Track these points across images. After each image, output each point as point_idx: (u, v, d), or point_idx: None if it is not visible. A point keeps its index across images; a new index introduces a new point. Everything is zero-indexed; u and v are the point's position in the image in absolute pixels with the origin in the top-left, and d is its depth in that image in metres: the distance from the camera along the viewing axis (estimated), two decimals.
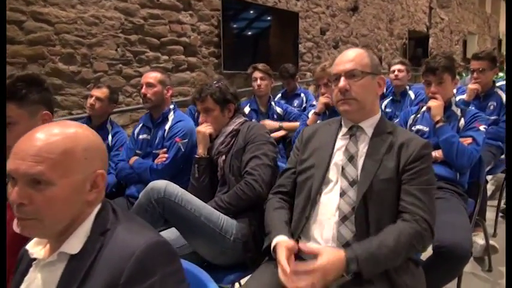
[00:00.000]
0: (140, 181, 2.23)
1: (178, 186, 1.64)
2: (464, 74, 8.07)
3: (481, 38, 14.21)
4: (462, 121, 2.12)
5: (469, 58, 10.75)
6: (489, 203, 3.34)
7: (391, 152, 1.34)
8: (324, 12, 6.35)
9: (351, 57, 1.39)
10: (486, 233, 2.34)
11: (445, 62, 2.11)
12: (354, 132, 1.42)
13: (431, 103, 2.13)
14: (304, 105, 3.97)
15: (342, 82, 1.36)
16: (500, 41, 15.65)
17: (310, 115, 2.78)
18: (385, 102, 3.59)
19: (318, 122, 2.67)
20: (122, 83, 3.70)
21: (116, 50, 3.69)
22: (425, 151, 1.32)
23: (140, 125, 2.44)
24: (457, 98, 3.09)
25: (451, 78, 2.14)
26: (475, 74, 2.86)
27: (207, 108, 1.89)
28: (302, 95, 4.16)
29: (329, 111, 2.62)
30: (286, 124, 3.05)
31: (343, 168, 1.36)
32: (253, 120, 3.05)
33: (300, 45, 5.89)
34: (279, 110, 3.12)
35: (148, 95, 2.29)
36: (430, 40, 10.19)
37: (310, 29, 6.11)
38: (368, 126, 1.41)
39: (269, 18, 5.51)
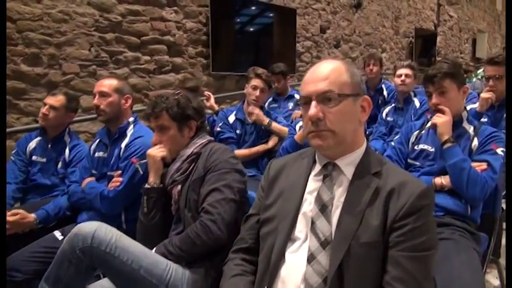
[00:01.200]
0: (93, 208, 1.89)
1: (112, 229, 1.30)
2: (473, 74, 7.67)
3: (491, 37, 13.70)
4: (475, 141, 1.75)
5: (478, 58, 10.25)
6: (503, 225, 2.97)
7: (377, 202, 0.99)
8: (324, 9, 5.97)
9: (324, 73, 1.03)
10: (501, 273, 1.98)
11: (446, 68, 1.75)
12: (329, 172, 1.07)
13: (437, 119, 1.76)
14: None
15: (313, 109, 1.01)
16: None
17: (297, 128, 2.42)
18: (387, 109, 3.22)
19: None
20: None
21: (89, 49, 3.35)
22: (423, 202, 0.97)
23: (97, 141, 2.09)
24: (467, 108, 2.72)
25: (456, 86, 1.77)
26: (490, 82, 2.47)
27: (162, 125, 1.55)
28: (296, 96, 3.82)
29: None
30: (274, 125, 2.68)
31: (313, 222, 1.02)
32: (238, 131, 2.70)
33: (297, 44, 5.52)
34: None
35: (101, 107, 1.94)
36: (438, 39, 9.75)
37: (309, 26, 5.73)
38: (347, 164, 1.06)
39: (264, 15, 5.14)
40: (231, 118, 2.70)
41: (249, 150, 2.65)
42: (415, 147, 1.89)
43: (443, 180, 1.71)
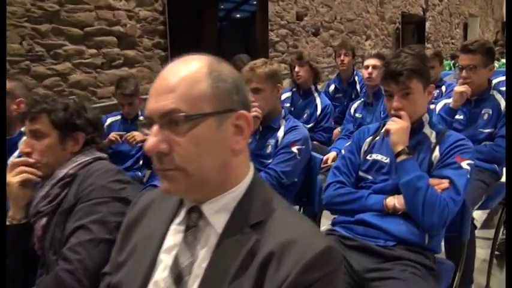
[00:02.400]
0: None
1: None
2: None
3: (484, 21, 13.33)
4: (437, 151, 1.42)
5: None
6: (482, 233, 2.66)
7: (248, 272, 0.66)
8: None
9: (171, 82, 0.68)
10: None
11: (412, 63, 1.41)
12: (192, 222, 0.74)
13: (391, 125, 1.43)
14: None
15: (152, 138, 0.66)
16: (503, 24, 14.75)
17: None
18: (356, 104, 2.87)
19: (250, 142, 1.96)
20: (31, 84, 2.99)
21: (21, 43, 2.96)
22: (313, 275, 0.63)
23: None
24: (441, 103, 2.38)
25: (422, 86, 1.44)
26: (463, 73, 2.14)
27: (38, 131, 1.19)
28: None
29: (263, 128, 1.93)
30: None
31: None
32: None
33: (271, 33, 5.14)
34: None
35: None
36: (427, 24, 9.37)
37: (284, 13, 5.33)
38: (217, 211, 0.73)
39: (232, 1, 4.75)
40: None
41: None
42: (368, 157, 1.56)
43: (396, 201, 1.38)
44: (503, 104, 2.14)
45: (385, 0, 7.63)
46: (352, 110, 2.85)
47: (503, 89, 2.96)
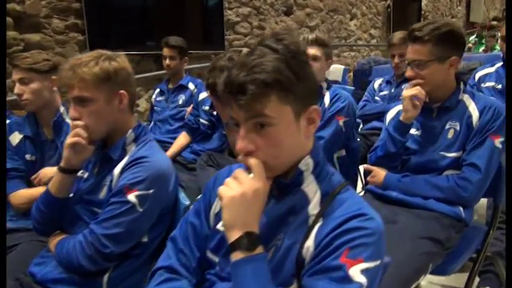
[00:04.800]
0: None
1: None
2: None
3: None
4: (313, 236, 0.75)
5: (473, 22, 9.08)
6: (450, 280, 2.03)
7: None
8: None
9: None
10: None
11: (271, 69, 0.71)
12: None
13: (224, 189, 0.76)
14: (191, 103, 2.69)
15: None
16: None
17: None
18: None
19: None
20: None
21: None
22: None
23: None
24: (394, 111, 1.67)
25: (292, 111, 0.75)
26: (408, 70, 1.46)
27: None
28: (191, 85, 2.82)
29: (101, 160, 1.27)
30: None
31: None
32: (27, 157, 1.66)
33: (229, 11, 4.41)
34: None
35: None
36: (424, 1, 8.51)
37: None
38: None
39: None
40: (15, 138, 1.67)
41: None
42: (218, 227, 0.90)
43: None
44: (476, 115, 1.45)
45: None
46: None
47: (489, 84, 2.28)
